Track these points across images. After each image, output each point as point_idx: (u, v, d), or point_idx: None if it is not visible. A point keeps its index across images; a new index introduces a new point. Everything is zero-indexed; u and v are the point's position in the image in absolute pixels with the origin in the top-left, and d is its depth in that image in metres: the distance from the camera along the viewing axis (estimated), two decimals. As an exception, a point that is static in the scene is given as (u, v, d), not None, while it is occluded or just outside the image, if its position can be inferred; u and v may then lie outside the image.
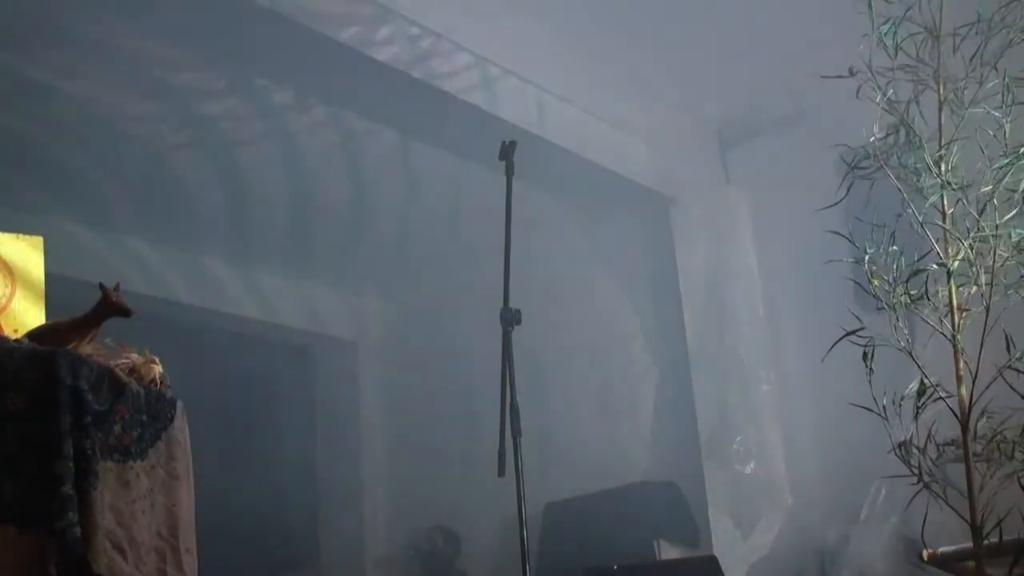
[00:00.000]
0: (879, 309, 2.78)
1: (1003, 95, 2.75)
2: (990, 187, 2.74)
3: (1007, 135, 2.76)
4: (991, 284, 2.66)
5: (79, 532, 2.22)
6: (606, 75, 5.61)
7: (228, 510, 5.38)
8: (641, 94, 5.86)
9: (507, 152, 3.35)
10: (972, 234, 2.72)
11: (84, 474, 2.27)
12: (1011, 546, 2.53)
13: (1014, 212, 2.73)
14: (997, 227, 2.71)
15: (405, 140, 5.62)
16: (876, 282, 2.76)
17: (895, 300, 2.74)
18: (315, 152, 5.70)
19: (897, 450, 2.65)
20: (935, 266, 2.73)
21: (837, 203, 2.92)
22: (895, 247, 2.75)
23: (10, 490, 2.21)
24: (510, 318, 3.21)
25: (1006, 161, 2.70)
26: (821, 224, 3.02)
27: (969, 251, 2.69)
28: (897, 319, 2.73)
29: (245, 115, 5.31)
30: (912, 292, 2.71)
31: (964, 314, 2.70)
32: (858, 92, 2.84)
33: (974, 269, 2.69)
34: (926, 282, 2.71)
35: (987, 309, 2.67)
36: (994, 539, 2.58)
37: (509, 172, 3.35)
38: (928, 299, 2.71)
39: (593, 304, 6.42)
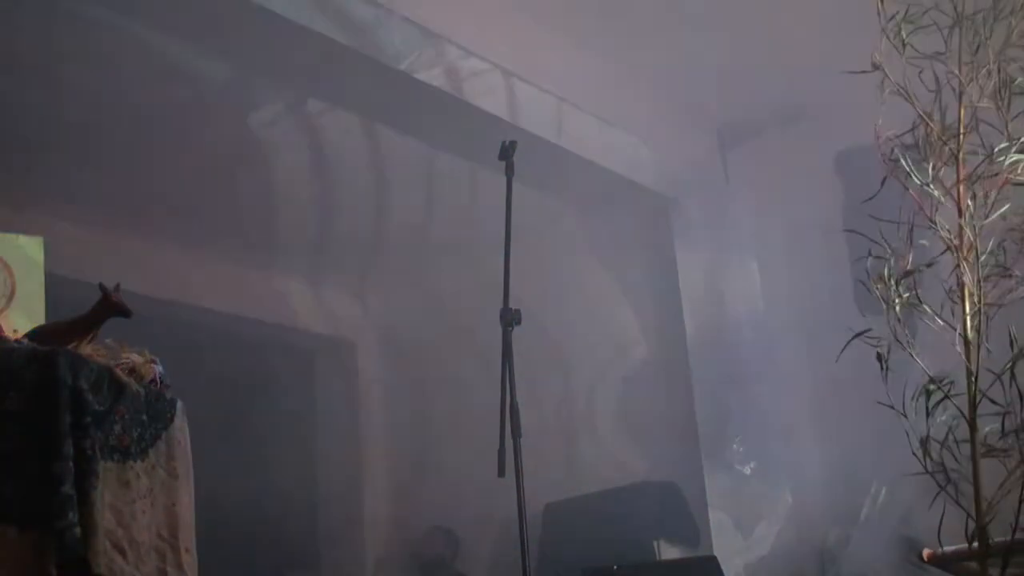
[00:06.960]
0: (886, 307, 2.75)
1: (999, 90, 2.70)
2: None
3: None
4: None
5: (79, 532, 2.22)
6: (606, 75, 5.61)
7: (228, 510, 5.38)
8: (641, 94, 5.86)
9: (507, 152, 3.35)
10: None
11: (84, 474, 2.27)
12: (1001, 547, 2.52)
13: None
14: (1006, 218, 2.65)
15: (404, 140, 5.62)
16: (880, 284, 2.72)
17: (893, 298, 2.71)
18: (314, 152, 5.70)
19: (919, 449, 2.60)
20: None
21: (871, 198, 2.85)
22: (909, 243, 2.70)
23: (10, 490, 2.21)
24: (510, 318, 3.21)
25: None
26: (822, 224, 3.01)
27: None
28: (899, 319, 2.71)
29: (244, 115, 5.31)
30: (917, 291, 2.66)
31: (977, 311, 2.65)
32: (882, 85, 2.78)
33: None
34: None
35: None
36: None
37: (509, 172, 3.35)
38: (920, 301, 2.67)
39: (593, 304, 6.42)
